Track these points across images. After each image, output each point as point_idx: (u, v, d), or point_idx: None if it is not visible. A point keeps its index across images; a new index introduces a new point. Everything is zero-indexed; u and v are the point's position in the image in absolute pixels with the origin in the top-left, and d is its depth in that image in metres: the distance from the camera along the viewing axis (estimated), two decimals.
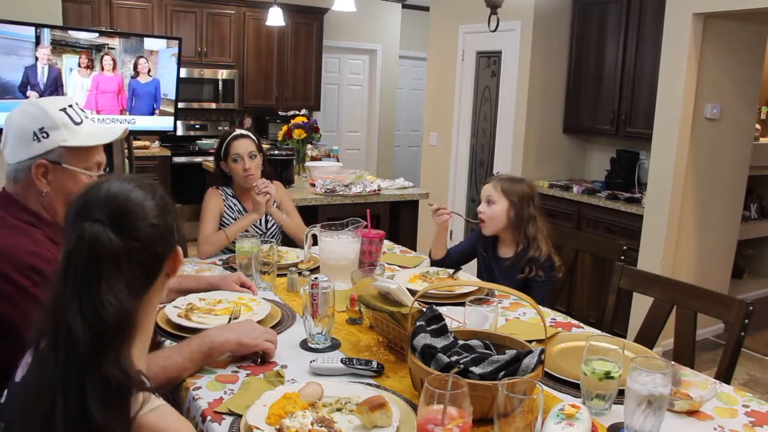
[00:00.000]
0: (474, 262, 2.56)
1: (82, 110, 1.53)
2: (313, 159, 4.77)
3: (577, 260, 2.52)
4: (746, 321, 1.75)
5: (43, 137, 1.42)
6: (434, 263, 2.49)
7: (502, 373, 1.26)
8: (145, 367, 1.01)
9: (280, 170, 3.85)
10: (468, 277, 2.22)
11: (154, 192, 1.05)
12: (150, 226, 1.00)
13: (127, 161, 3.67)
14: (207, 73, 6.34)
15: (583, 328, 1.88)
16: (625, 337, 2.75)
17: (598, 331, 1.87)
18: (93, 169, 1.52)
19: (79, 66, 2.92)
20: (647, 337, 1.99)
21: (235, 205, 2.67)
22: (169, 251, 1.05)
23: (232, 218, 2.64)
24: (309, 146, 4.68)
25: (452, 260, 2.48)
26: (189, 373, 1.43)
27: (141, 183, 1.05)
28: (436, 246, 2.51)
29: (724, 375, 1.74)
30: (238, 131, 2.68)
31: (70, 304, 0.91)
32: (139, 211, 1.00)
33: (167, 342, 1.62)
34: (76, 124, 1.47)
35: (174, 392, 1.46)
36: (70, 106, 1.49)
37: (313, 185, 3.88)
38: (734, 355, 1.76)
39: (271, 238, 2.64)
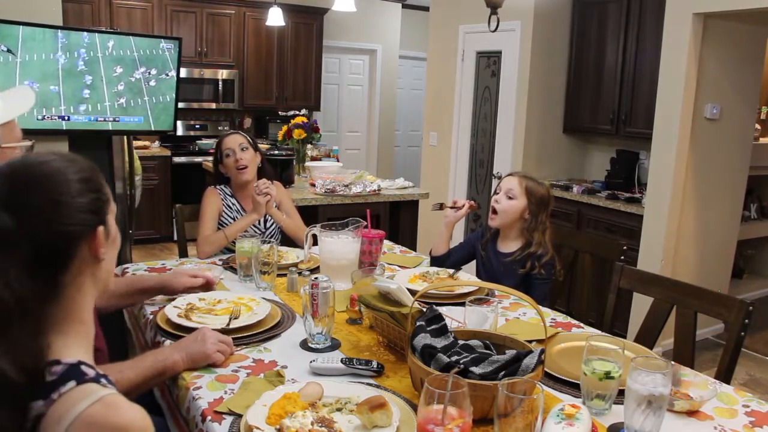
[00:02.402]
0: (473, 263, 2.56)
1: None
2: (313, 159, 4.77)
3: (577, 260, 2.53)
4: (746, 321, 1.75)
5: None
6: (434, 261, 2.49)
7: (502, 373, 1.26)
8: (88, 357, 0.94)
9: (280, 170, 3.85)
10: (468, 277, 2.22)
11: (73, 165, 0.97)
12: (54, 202, 0.92)
13: (127, 161, 3.67)
14: (207, 73, 6.34)
15: (583, 328, 1.88)
16: (625, 337, 2.75)
17: (598, 331, 1.87)
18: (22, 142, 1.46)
19: None
20: (647, 337, 1.99)
21: (233, 204, 2.67)
22: (86, 232, 0.95)
23: (230, 218, 2.64)
24: (309, 146, 4.68)
25: (452, 261, 2.48)
26: (141, 390, 1.40)
27: (66, 158, 0.98)
28: (439, 241, 2.50)
29: (724, 375, 1.74)
30: (229, 131, 2.72)
31: None
32: (43, 184, 0.92)
33: (167, 342, 1.62)
34: None
35: (173, 392, 1.46)
36: None
37: (313, 185, 3.88)
38: (734, 355, 1.76)
39: (271, 238, 2.65)
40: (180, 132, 6.40)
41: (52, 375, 0.87)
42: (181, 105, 4.72)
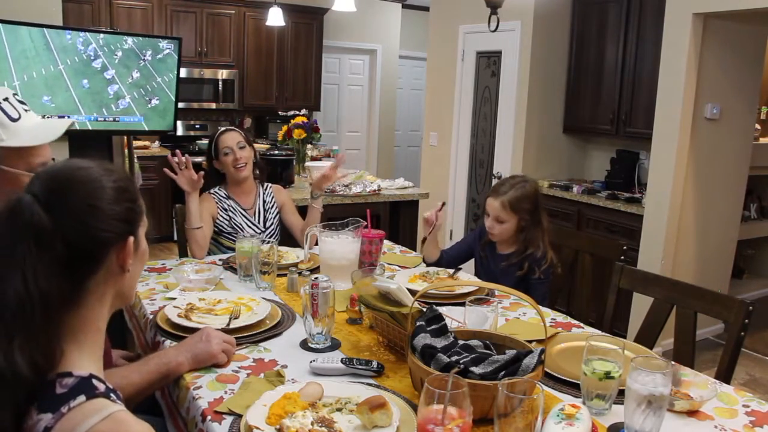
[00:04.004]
0: (472, 262, 2.56)
1: (21, 102, 1.37)
2: (313, 159, 4.77)
3: (577, 260, 2.52)
4: (746, 321, 1.75)
5: None
6: (429, 265, 2.48)
7: (502, 373, 1.26)
8: (98, 370, 0.95)
9: (280, 170, 3.85)
10: (468, 277, 2.22)
11: (109, 174, 0.98)
12: (89, 206, 0.93)
13: (127, 161, 3.67)
14: (207, 73, 6.34)
15: (583, 328, 1.88)
16: (625, 337, 2.75)
17: (598, 331, 1.87)
18: (38, 170, 1.37)
19: None
20: (647, 337, 1.99)
21: (230, 206, 2.67)
22: (117, 240, 0.96)
23: (226, 219, 2.64)
24: (309, 146, 4.68)
25: (450, 260, 2.48)
26: (147, 394, 1.39)
27: (103, 166, 0.99)
28: (426, 250, 2.46)
29: (724, 375, 1.74)
30: (224, 128, 2.72)
31: None
32: (81, 190, 0.94)
33: (167, 342, 1.62)
34: (13, 120, 1.31)
35: (173, 392, 1.46)
36: (6, 99, 1.33)
37: None
38: (734, 355, 1.76)
39: (270, 238, 2.65)
40: (180, 132, 6.40)
41: (63, 387, 0.87)
42: (181, 105, 4.72)
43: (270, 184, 2.84)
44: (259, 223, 2.70)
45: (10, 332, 0.85)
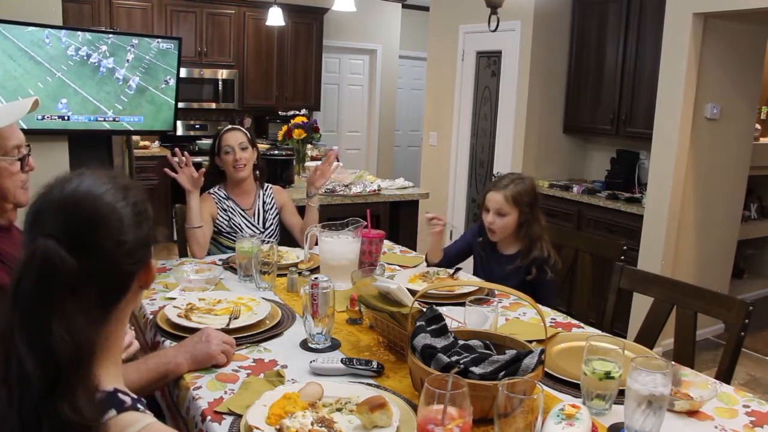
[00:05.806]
0: (471, 261, 2.56)
1: None
2: (313, 159, 4.77)
3: (577, 260, 2.52)
4: (746, 321, 1.75)
5: None
6: (431, 266, 2.48)
7: (503, 373, 1.26)
8: (120, 383, 0.93)
9: (280, 170, 3.85)
10: (468, 278, 2.22)
11: (126, 196, 0.91)
12: (117, 243, 0.87)
13: (127, 161, 3.68)
14: (207, 73, 6.34)
15: (583, 328, 1.88)
16: (625, 337, 2.75)
17: (598, 331, 1.87)
18: (12, 154, 1.39)
19: None
20: (647, 337, 1.99)
21: (229, 207, 2.67)
22: (141, 267, 0.93)
23: (225, 220, 2.63)
24: (309, 146, 4.68)
25: (450, 258, 2.48)
26: (145, 393, 1.36)
27: (114, 184, 0.91)
28: (431, 251, 2.48)
29: (724, 375, 1.74)
30: (229, 126, 2.72)
31: (19, 336, 0.80)
32: (105, 224, 0.87)
33: (167, 342, 1.62)
34: None
35: (172, 392, 1.46)
36: None
37: None
38: (734, 355, 1.76)
39: (270, 238, 2.65)
40: (180, 132, 6.40)
41: None
42: (181, 105, 4.72)
43: (270, 185, 2.84)
44: (258, 223, 2.70)
45: (73, 384, 0.82)
